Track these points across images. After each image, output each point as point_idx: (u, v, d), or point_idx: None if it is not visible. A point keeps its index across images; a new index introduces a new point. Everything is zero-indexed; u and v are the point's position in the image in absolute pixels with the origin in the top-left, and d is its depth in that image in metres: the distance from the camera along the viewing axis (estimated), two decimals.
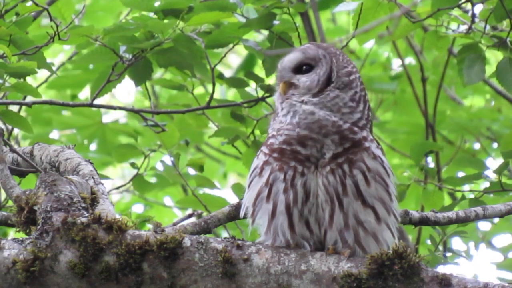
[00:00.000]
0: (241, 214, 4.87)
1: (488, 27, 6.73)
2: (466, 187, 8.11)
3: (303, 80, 4.88)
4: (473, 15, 6.74)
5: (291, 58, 4.94)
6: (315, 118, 4.76)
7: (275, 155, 4.76)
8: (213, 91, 7.08)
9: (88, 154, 9.30)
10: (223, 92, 10.46)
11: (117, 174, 11.18)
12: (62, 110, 9.43)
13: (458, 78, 6.88)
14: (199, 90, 8.07)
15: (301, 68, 4.90)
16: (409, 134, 9.86)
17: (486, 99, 10.44)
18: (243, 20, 6.92)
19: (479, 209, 5.72)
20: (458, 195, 7.02)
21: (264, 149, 4.81)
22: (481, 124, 9.75)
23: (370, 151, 4.77)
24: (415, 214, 5.66)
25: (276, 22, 6.97)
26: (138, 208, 9.95)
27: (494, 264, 9.24)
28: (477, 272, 9.32)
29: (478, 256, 9.46)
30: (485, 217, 5.72)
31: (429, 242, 6.43)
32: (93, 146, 9.43)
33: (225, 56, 7.16)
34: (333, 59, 4.87)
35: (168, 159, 7.56)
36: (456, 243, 8.43)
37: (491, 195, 6.93)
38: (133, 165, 7.49)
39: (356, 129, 4.76)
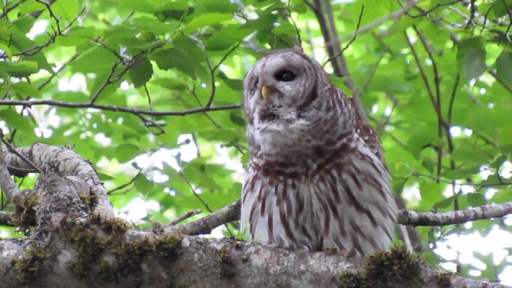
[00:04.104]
0: (241, 230, 4.87)
1: (487, 21, 6.72)
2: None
3: (287, 88, 4.73)
4: (473, 9, 6.73)
5: (273, 63, 4.76)
6: (295, 149, 4.67)
7: (262, 171, 4.72)
8: (213, 93, 7.08)
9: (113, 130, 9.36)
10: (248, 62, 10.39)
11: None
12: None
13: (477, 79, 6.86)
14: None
15: (282, 75, 4.76)
16: (425, 133, 9.87)
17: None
18: (243, 21, 6.92)
19: (478, 209, 5.72)
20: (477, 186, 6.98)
21: (252, 164, 4.77)
22: (499, 124, 9.76)
23: (357, 151, 4.71)
24: (414, 214, 5.65)
25: (276, 24, 6.97)
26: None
27: (506, 249, 9.26)
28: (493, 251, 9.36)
29: (492, 236, 9.46)
30: (484, 217, 5.71)
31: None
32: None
33: (225, 58, 7.16)
34: (318, 73, 4.75)
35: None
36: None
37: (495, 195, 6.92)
38: (135, 165, 7.51)
39: (334, 139, 4.68)
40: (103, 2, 10.18)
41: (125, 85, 7.30)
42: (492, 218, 5.90)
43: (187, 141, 7.56)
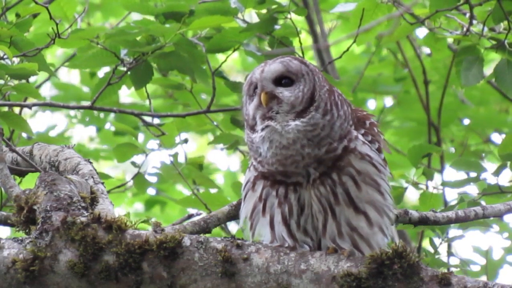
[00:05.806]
0: (240, 225, 4.86)
1: (486, 29, 6.73)
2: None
3: (286, 94, 4.71)
4: (471, 17, 6.73)
5: (272, 69, 4.74)
6: (288, 153, 4.65)
7: (262, 177, 4.73)
8: (213, 96, 7.09)
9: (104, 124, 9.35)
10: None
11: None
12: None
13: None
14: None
15: (280, 80, 4.74)
16: (414, 134, 9.87)
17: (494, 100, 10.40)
18: (244, 24, 6.93)
19: (478, 209, 5.72)
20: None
21: (254, 164, 4.76)
22: (489, 125, 9.77)
23: (357, 151, 4.71)
24: (414, 213, 5.65)
25: (277, 26, 6.98)
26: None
27: (502, 249, 9.26)
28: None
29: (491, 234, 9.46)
30: (485, 216, 5.71)
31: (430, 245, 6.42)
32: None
33: (225, 60, 7.16)
34: (316, 78, 4.74)
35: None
36: None
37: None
38: (134, 164, 7.52)
39: (335, 144, 4.68)
40: (89, 5, 10.18)
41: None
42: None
43: (186, 141, 7.57)
